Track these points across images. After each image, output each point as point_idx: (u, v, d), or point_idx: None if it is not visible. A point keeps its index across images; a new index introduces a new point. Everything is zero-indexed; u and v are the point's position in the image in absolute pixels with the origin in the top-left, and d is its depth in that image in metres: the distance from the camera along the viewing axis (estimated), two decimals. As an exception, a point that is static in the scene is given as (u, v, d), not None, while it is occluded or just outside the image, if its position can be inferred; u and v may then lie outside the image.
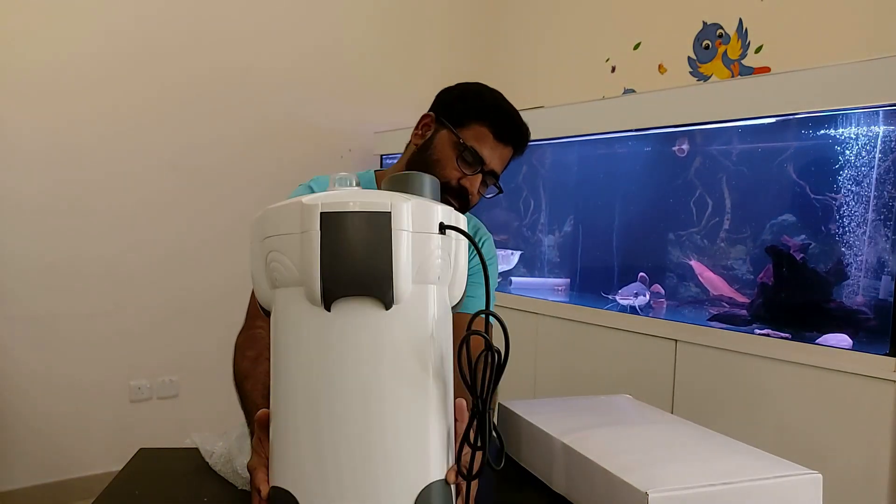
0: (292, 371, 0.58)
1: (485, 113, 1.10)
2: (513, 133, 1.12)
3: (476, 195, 1.11)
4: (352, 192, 0.60)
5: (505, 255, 2.46)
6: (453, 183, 1.09)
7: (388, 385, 0.56)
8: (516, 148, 1.14)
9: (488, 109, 1.11)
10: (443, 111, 1.13)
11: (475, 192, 1.10)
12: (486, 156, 1.09)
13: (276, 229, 0.58)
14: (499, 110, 1.12)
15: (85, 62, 2.26)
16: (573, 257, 2.42)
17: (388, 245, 0.55)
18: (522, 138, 1.14)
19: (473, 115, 1.10)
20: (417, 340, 0.57)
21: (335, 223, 0.55)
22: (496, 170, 1.12)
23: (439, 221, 0.59)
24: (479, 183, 1.10)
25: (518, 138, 1.13)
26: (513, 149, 1.14)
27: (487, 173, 1.11)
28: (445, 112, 1.12)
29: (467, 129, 1.09)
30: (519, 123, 1.13)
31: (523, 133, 1.14)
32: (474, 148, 1.08)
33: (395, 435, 0.56)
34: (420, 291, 0.57)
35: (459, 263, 0.62)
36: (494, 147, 1.10)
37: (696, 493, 0.63)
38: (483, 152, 1.09)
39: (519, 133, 1.13)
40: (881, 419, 1.35)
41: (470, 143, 1.08)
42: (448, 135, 1.10)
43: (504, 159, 1.13)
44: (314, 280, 0.55)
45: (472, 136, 1.09)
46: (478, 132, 1.09)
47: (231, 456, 0.89)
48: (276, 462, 0.59)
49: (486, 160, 1.09)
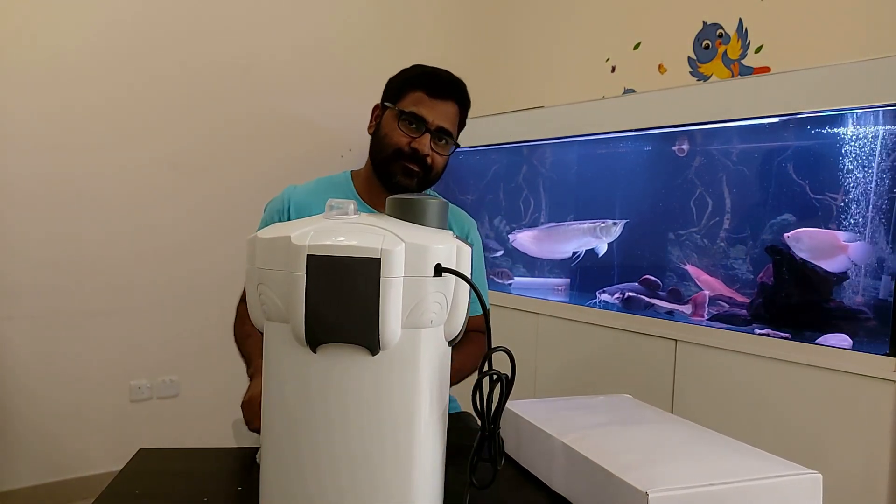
0: (279, 407, 0.57)
1: (415, 79, 1.22)
2: (445, 87, 1.21)
3: (433, 154, 1.21)
4: (344, 227, 0.57)
5: (606, 225, 2.21)
6: (405, 149, 1.19)
7: (372, 429, 0.55)
8: (458, 100, 1.23)
9: (417, 76, 1.23)
10: (384, 96, 1.26)
11: (428, 151, 1.19)
12: (425, 114, 1.19)
13: (264, 262, 0.57)
14: (426, 73, 1.23)
15: (84, 61, 2.26)
16: (573, 257, 2.42)
17: (376, 293, 0.52)
18: (457, 89, 1.23)
19: (407, 85, 1.22)
20: (405, 385, 0.55)
21: (322, 267, 0.52)
22: (444, 125, 1.20)
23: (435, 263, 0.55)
24: (427, 141, 1.19)
25: (453, 90, 1.22)
26: (454, 102, 1.23)
27: (436, 131, 1.20)
28: (386, 95, 1.25)
29: (404, 99, 1.21)
30: (449, 78, 1.23)
31: (457, 84, 1.24)
32: (412, 111, 1.19)
33: (380, 478, 0.55)
34: (411, 336, 0.55)
35: (458, 300, 0.59)
36: (432, 105, 1.19)
37: (696, 493, 0.63)
38: (422, 112, 1.19)
39: (452, 86, 1.23)
40: (881, 419, 1.35)
41: (409, 109, 1.19)
42: (390, 111, 1.22)
43: (448, 114, 1.22)
44: (299, 323, 0.53)
45: (410, 102, 1.20)
46: (413, 98, 1.20)
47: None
48: (264, 489, 0.59)
49: (427, 118, 1.19)
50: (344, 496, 0.55)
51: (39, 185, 2.21)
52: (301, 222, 0.59)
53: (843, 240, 1.60)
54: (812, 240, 1.65)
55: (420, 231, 0.58)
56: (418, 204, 0.61)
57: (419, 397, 0.56)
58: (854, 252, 1.59)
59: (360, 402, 0.55)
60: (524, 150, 2.57)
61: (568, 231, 2.29)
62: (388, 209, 0.62)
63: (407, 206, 0.61)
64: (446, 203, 0.64)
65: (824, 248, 1.63)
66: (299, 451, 0.56)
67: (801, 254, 1.66)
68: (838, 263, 1.62)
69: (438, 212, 0.62)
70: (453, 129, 1.23)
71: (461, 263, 0.58)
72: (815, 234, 1.65)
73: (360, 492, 0.55)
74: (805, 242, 1.65)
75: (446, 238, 0.58)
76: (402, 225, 0.59)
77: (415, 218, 0.61)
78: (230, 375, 2.52)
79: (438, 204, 0.62)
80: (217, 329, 2.40)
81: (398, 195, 0.63)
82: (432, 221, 0.61)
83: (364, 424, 0.55)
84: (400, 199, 0.62)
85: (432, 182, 1.27)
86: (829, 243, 1.63)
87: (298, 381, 0.56)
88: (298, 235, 0.54)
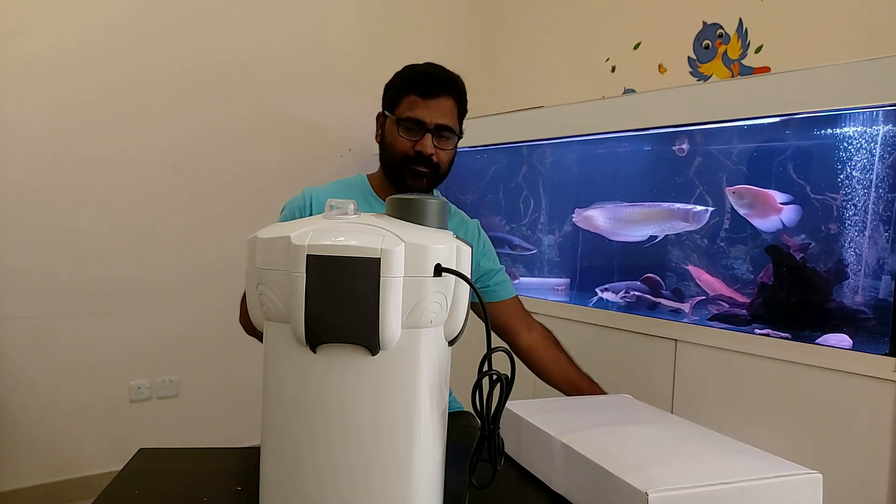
0: (279, 406, 0.57)
1: (405, 84, 1.24)
2: (437, 85, 1.23)
3: (438, 152, 1.23)
4: (344, 227, 0.56)
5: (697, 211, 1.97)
6: (410, 153, 1.22)
7: (372, 429, 0.55)
8: (452, 94, 1.24)
9: (407, 80, 1.25)
10: (383, 104, 1.29)
11: (431, 151, 1.21)
12: (421, 116, 1.21)
13: (264, 262, 0.56)
14: (416, 75, 1.25)
15: (84, 61, 2.26)
16: (573, 257, 2.42)
17: (376, 293, 0.52)
18: (449, 84, 1.24)
19: (400, 91, 1.24)
20: (405, 385, 0.55)
21: (321, 267, 0.52)
22: (442, 122, 1.22)
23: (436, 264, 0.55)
24: (429, 142, 1.21)
25: (445, 86, 1.23)
26: (449, 96, 1.23)
27: (436, 129, 1.22)
28: (384, 104, 1.28)
29: (400, 105, 1.23)
30: (439, 74, 1.24)
31: (448, 79, 1.25)
32: (409, 116, 1.21)
33: (379, 478, 0.55)
34: (411, 336, 0.55)
35: (458, 300, 0.59)
36: (427, 105, 1.21)
37: (696, 493, 0.63)
38: (418, 115, 1.21)
39: (444, 82, 1.24)
40: (881, 419, 1.35)
41: (406, 115, 1.21)
42: (390, 119, 1.25)
43: (444, 110, 1.23)
44: (298, 323, 0.53)
45: (406, 107, 1.22)
46: (408, 102, 1.22)
47: None
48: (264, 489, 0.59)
49: (425, 119, 1.21)
50: (344, 496, 0.55)
51: (40, 185, 2.21)
52: (301, 222, 0.59)
53: (780, 201, 1.65)
54: (752, 197, 1.69)
55: (420, 231, 0.58)
56: (418, 204, 0.61)
57: (419, 397, 0.56)
58: (786, 214, 1.65)
59: (360, 402, 0.55)
60: (524, 150, 2.57)
61: (652, 212, 2.10)
62: (388, 209, 0.62)
63: (407, 206, 0.61)
64: (446, 203, 0.63)
65: (761, 206, 1.68)
66: (299, 450, 0.56)
67: (741, 210, 1.71)
68: (771, 223, 1.68)
69: (438, 212, 0.61)
70: (452, 122, 1.25)
71: (461, 263, 0.58)
72: (756, 193, 1.69)
73: (360, 492, 0.55)
74: (745, 199, 1.70)
75: (446, 238, 0.58)
76: (402, 225, 0.59)
77: (415, 218, 0.60)
78: (230, 375, 2.54)
79: (438, 204, 0.62)
80: (217, 329, 2.41)
81: (398, 195, 0.63)
82: (432, 221, 0.61)
83: (364, 424, 0.55)
84: (400, 198, 0.61)
85: (443, 177, 1.29)
86: (765, 202, 1.67)
87: (298, 381, 0.56)
88: (298, 235, 0.53)
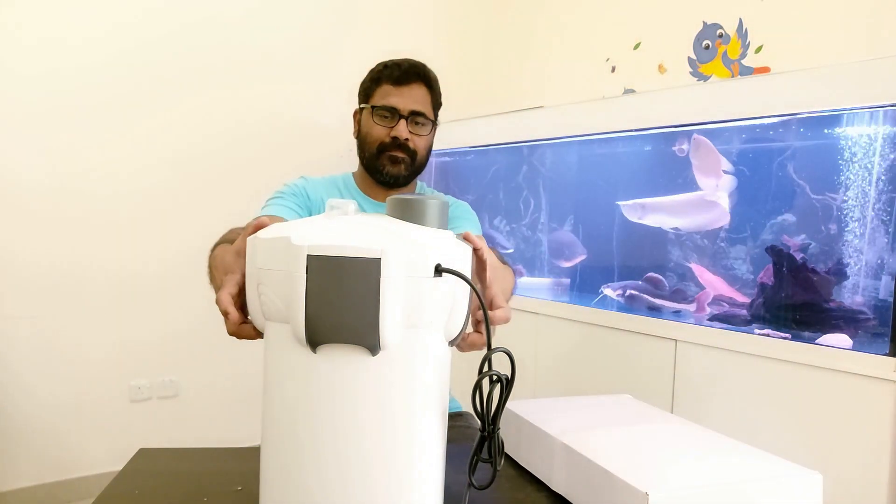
0: (279, 406, 0.57)
1: (376, 75, 1.29)
2: (408, 73, 1.27)
3: (413, 138, 1.27)
4: (344, 227, 0.56)
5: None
6: (386, 139, 1.26)
7: (372, 430, 0.55)
8: (424, 82, 1.28)
9: (377, 71, 1.30)
10: (359, 100, 1.34)
11: (406, 135, 1.27)
12: (395, 103, 1.25)
13: (264, 262, 0.56)
14: (387, 66, 1.29)
15: (84, 61, 2.26)
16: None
17: (376, 293, 0.52)
18: (419, 72, 1.29)
19: (374, 83, 1.29)
20: (405, 385, 0.55)
21: (322, 268, 0.52)
22: (416, 108, 1.26)
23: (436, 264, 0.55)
24: (404, 127, 1.26)
25: (415, 74, 1.28)
26: (421, 84, 1.28)
27: (410, 115, 1.26)
28: (360, 99, 1.34)
29: (374, 96, 1.28)
30: (409, 63, 1.29)
31: (418, 67, 1.29)
32: (383, 104, 1.26)
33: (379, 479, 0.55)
34: (411, 336, 0.55)
35: (459, 300, 0.59)
36: (400, 93, 1.26)
37: (696, 493, 0.63)
38: (391, 102, 1.25)
39: (414, 69, 1.28)
40: (881, 419, 1.35)
41: (380, 103, 1.26)
42: (366, 110, 1.29)
43: (417, 97, 1.27)
44: (299, 323, 0.53)
45: (379, 97, 1.27)
46: (382, 92, 1.27)
47: None
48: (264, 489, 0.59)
49: (398, 106, 1.25)
50: (344, 496, 0.55)
51: (40, 185, 2.21)
52: (301, 222, 0.59)
53: (724, 169, 1.72)
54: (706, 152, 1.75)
55: (420, 231, 0.58)
56: (418, 204, 0.60)
57: (419, 397, 0.56)
58: (724, 181, 1.72)
59: (360, 402, 0.55)
60: (524, 150, 2.57)
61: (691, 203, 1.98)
62: (388, 209, 0.62)
63: (407, 206, 0.60)
64: (447, 203, 0.63)
65: (707, 164, 1.74)
66: (299, 451, 0.56)
67: (692, 159, 1.78)
68: (707, 183, 1.77)
69: (438, 212, 0.61)
70: (426, 109, 1.28)
71: (461, 264, 0.58)
72: (710, 151, 1.75)
73: (360, 492, 0.55)
74: (699, 150, 1.75)
75: (446, 238, 0.58)
76: (402, 225, 0.59)
77: (415, 218, 0.60)
78: (230, 375, 2.54)
79: (438, 204, 0.61)
80: (217, 329, 2.38)
81: (398, 195, 0.62)
82: (432, 221, 0.60)
83: (364, 424, 0.55)
84: (400, 198, 0.61)
85: (420, 166, 1.32)
86: (713, 163, 1.74)
87: (298, 382, 0.56)
88: (298, 235, 0.54)
